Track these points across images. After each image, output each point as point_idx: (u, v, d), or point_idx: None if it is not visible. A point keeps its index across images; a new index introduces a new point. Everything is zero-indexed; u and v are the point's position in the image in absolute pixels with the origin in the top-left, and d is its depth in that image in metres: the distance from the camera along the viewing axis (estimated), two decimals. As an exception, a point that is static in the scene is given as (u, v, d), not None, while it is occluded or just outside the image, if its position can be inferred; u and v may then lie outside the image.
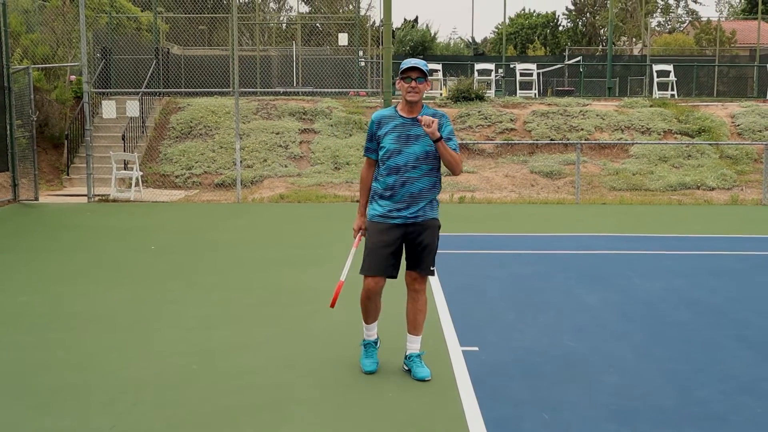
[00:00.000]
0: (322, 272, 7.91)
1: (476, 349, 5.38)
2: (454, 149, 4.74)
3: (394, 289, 5.17)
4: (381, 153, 4.76)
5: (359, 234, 4.89)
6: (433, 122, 4.55)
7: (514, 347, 5.45)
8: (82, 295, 7.07)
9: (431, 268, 4.84)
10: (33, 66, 15.35)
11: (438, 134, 4.60)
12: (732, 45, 37.99)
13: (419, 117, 4.61)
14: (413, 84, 4.65)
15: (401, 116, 4.76)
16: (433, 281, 7.50)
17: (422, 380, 4.73)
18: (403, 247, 4.80)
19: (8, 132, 14.15)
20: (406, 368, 4.91)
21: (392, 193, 4.71)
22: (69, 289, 7.36)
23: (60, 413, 4.25)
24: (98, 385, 4.67)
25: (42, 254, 9.13)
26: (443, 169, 4.84)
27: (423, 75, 4.66)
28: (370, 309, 4.86)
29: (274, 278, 7.84)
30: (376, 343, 4.99)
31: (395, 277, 4.79)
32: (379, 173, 4.79)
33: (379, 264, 4.72)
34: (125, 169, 15.37)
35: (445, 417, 4.22)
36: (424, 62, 4.71)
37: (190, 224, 11.84)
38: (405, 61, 4.72)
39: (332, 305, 4.79)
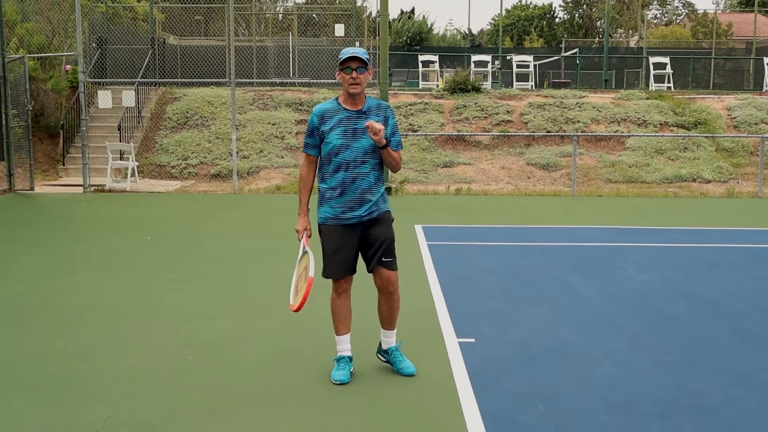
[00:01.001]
0: (318, 263, 7.90)
1: (472, 340, 5.39)
2: (397, 145, 4.58)
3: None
4: (326, 149, 4.48)
5: (304, 236, 4.60)
6: (380, 130, 4.34)
7: (510, 339, 5.47)
8: (78, 286, 7.06)
9: (395, 263, 4.65)
10: (29, 55, 15.31)
11: (384, 141, 4.41)
12: (728, 38, 38.03)
13: (366, 124, 4.35)
14: (354, 75, 4.38)
15: (346, 109, 4.48)
16: (429, 272, 7.52)
17: (410, 376, 4.65)
18: (360, 244, 4.59)
19: (4, 122, 14.11)
20: (383, 360, 4.82)
21: (342, 190, 4.47)
22: (65, 279, 7.36)
23: (56, 403, 4.25)
24: (94, 376, 4.67)
25: (38, 244, 9.11)
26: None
27: (363, 64, 4.39)
28: (342, 312, 4.64)
29: (271, 269, 7.84)
30: (350, 359, 4.67)
31: (354, 272, 4.65)
32: (325, 172, 4.52)
33: (344, 265, 4.57)
34: (121, 160, 15.34)
35: (441, 409, 4.22)
36: (364, 50, 4.46)
37: (186, 215, 11.83)
38: (343, 50, 4.42)
39: (298, 309, 4.38)
